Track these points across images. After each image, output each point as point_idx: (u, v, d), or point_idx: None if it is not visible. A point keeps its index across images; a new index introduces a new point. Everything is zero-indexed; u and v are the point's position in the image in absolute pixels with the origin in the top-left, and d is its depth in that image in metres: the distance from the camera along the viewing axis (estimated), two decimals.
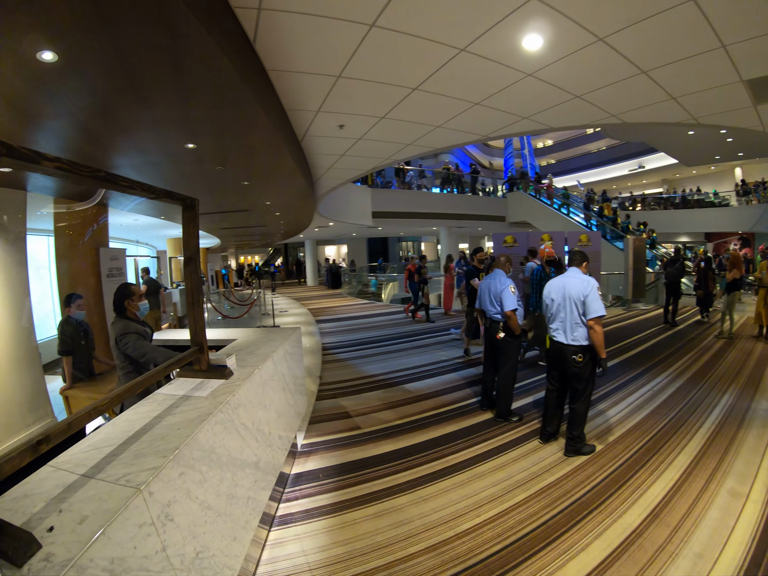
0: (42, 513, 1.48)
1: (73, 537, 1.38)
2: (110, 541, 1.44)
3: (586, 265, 4.71)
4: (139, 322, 4.29)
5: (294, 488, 4.20)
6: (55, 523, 1.43)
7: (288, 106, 5.64)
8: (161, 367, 2.56)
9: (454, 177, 24.80)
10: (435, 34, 4.11)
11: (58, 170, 1.66)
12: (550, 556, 3.19)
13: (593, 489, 4.05)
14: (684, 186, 32.45)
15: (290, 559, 3.23)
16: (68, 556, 1.30)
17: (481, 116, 6.51)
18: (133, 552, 1.54)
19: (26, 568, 1.26)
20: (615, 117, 6.70)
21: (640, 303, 15.28)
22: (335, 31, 3.95)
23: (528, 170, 28.83)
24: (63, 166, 1.66)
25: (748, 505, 3.72)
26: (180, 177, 7.22)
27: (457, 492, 4.05)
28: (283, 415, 3.76)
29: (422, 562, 3.17)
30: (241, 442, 2.64)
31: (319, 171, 9.77)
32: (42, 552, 1.31)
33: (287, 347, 4.15)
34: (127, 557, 1.51)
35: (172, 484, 1.84)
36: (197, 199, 2.81)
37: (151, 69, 3.40)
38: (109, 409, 2.06)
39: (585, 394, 4.58)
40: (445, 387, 7.01)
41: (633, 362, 8.15)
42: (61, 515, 1.47)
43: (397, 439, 5.16)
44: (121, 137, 4.99)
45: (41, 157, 1.55)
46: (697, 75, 5.14)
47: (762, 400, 6.06)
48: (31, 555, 1.29)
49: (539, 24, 3.99)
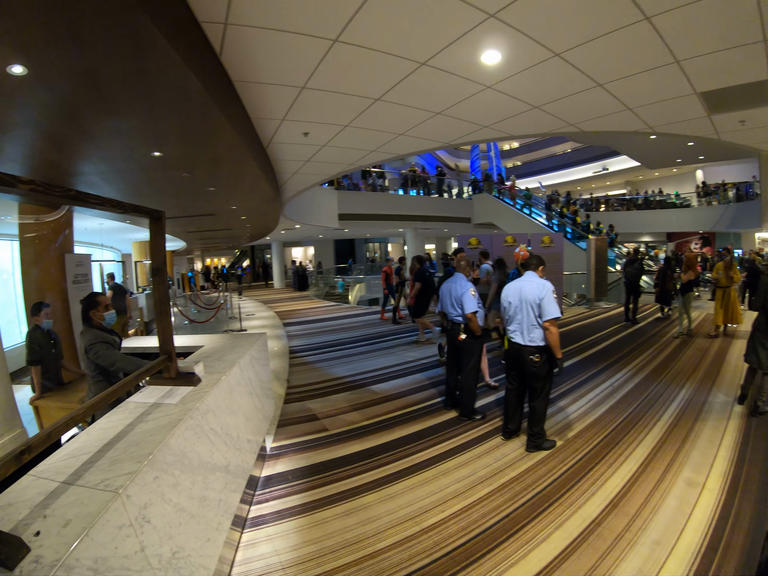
0: (27, 519, 1.54)
1: (58, 539, 1.45)
2: (93, 542, 1.51)
3: (542, 269, 4.89)
4: (107, 331, 4.31)
5: (264, 491, 4.27)
6: (40, 527, 1.50)
7: (253, 115, 5.71)
8: (132, 376, 2.62)
9: (421, 179, 24.93)
10: (396, 49, 4.24)
11: (33, 192, 1.73)
12: (513, 547, 3.33)
13: (554, 482, 4.21)
14: (647, 187, 33.29)
15: (263, 559, 3.30)
16: (56, 557, 1.38)
17: (442, 125, 6.67)
18: (115, 552, 1.62)
19: (18, 570, 1.33)
20: (573, 126, 6.91)
21: (602, 301, 15.63)
22: (300, 45, 4.05)
23: (492, 173, 29.01)
24: (37, 188, 1.73)
25: (704, 493, 3.91)
26: (146, 183, 7.17)
27: (422, 489, 4.17)
28: (251, 419, 3.83)
29: (390, 556, 3.27)
30: (211, 446, 2.71)
31: (285, 176, 9.81)
32: (31, 555, 1.38)
33: (253, 353, 4.20)
34: (110, 557, 1.58)
35: (148, 488, 1.92)
36: (164, 212, 2.87)
37: (118, 81, 3.44)
38: (85, 419, 2.13)
39: (543, 392, 4.77)
40: (411, 387, 7.13)
41: (594, 359, 8.39)
42: (46, 520, 1.54)
43: (363, 440, 5.25)
44: (88, 145, 4.98)
45: (17, 180, 1.61)
46: (652, 88, 5.36)
47: (719, 393, 6.33)
48: (22, 558, 1.36)
49: (497, 40, 4.15)
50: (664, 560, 3.11)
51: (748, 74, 5.03)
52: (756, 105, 5.93)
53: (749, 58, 4.61)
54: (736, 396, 6.06)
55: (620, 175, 35.08)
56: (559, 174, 39.34)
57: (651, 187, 32.76)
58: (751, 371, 5.70)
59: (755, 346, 5.47)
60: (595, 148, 33.09)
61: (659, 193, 30.81)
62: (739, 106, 5.98)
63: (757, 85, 5.30)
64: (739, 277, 9.77)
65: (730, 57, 4.57)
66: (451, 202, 25.95)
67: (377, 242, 43.14)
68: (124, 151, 5.33)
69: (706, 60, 4.64)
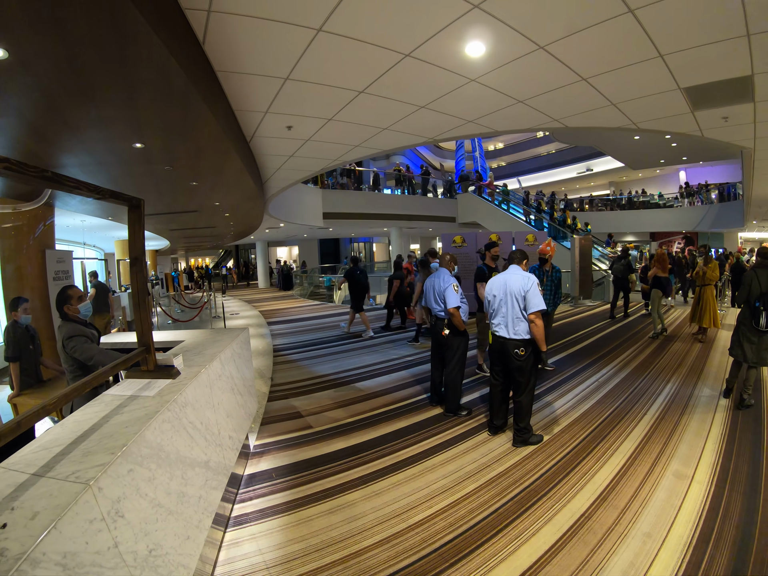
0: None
1: (25, 532, 1.38)
2: (62, 536, 1.44)
3: (525, 262, 4.89)
4: (85, 324, 4.23)
5: (248, 489, 4.19)
6: (8, 520, 1.43)
7: (236, 107, 5.64)
8: (108, 367, 2.54)
9: (405, 178, 24.94)
10: (380, 40, 4.20)
11: (7, 171, 1.66)
12: (502, 542, 3.28)
13: (542, 477, 4.18)
14: (630, 188, 33.74)
15: (247, 559, 3.23)
16: (21, 550, 1.30)
17: (427, 119, 6.64)
18: (85, 547, 1.55)
19: None
20: (558, 121, 6.90)
21: (587, 300, 15.71)
22: (283, 34, 3.99)
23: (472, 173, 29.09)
24: (11, 166, 1.66)
25: (693, 485, 3.91)
26: (128, 177, 7.12)
27: (408, 485, 4.12)
28: (233, 416, 3.75)
29: (377, 554, 3.21)
30: (190, 441, 2.64)
31: (269, 172, 9.75)
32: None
33: (235, 347, 4.13)
34: (80, 552, 1.51)
35: (121, 481, 1.84)
36: (143, 200, 2.79)
37: (100, 68, 3.40)
38: (58, 408, 2.05)
39: (529, 387, 4.73)
40: (396, 384, 7.09)
41: (579, 355, 8.42)
42: (14, 513, 1.47)
43: (348, 437, 5.19)
44: (69, 136, 4.94)
45: None
46: (636, 82, 5.36)
47: (704, 387, 6.37)
48: None
49: (482, 32, 4.12)
50: (656, 553, 3.09)
51: (731, 69, 5.04)
52: (739, 101, 5.94)
53: (733, 52, 4.60)
54: (721, 390, 6.09)
55: (604, 176, 35.54)
56: (543, 174, 39.71)
57: (635, 188, 33.18)
58: (736, 365, 5.73)
59: (740, 339, 5.50)
60: (580, 149, 33.46)
61: (642, 194, 31.20)
62: (723, 102, 5.99)
63: (740, 81, 5.31)
64: (715, 276, 9.54)
65: (713, 51, 4.57)
66: (435, 201, 26.01)
67: (362, 242, 43.10)
68: (106, 142, 5.27)
69: (690, 54, 4.64)
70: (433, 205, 25.51)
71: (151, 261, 27.91)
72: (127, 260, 18.17)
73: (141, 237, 2.85)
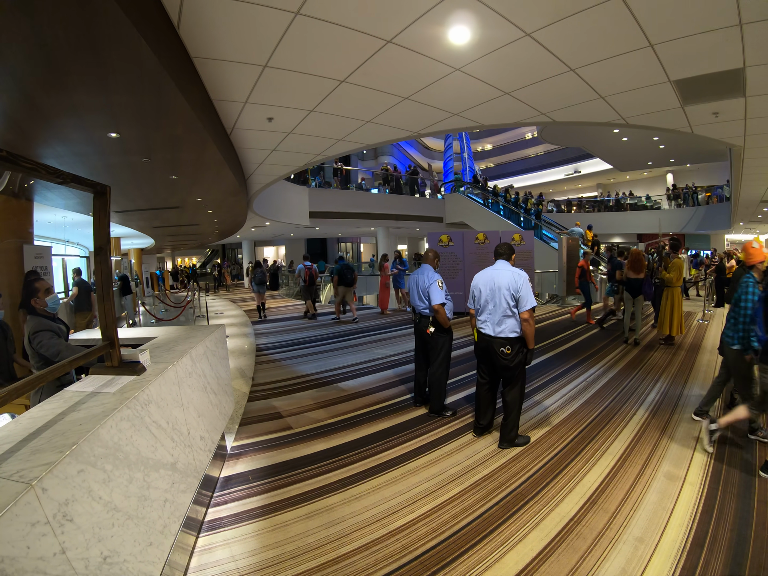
0: None
1: None
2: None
3: (513, 257, 4.74)
4: (52, 319, 4.07)
5: (223, 492, 4.05)
6: None
7: (215, 97, 5.50)
8: (66, 361, 2.38)
9: (393, 177, 24.91)
10: (361, 24, 4.08)
11: None
12: (487, 549, 3.16)
13: (529, 479, 4.07)
14: (618, 190, 34.08)
15: (219, 566, 3.09)
16: None
17: (411, 111, 6.53)
18: (27, 552, 1.45)
19: None
20: (545, 115, 6.82)
21: (574, 300, 15.66)
22: (260, 17, 3.86)
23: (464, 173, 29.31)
24: None
25: (685, 487, 3.82)
26: (106, 169, 6.99)
27: (389, 489, 3.99)
28: (206, 416, 3.60)
29: (355, 561, 3.08)
30: (154, 441, 2.49)
31: (251, 166, 9.64)
32: None
33: (209, 344, 3.98)
34: (20, 557, 1.41)
35: (70, 482, 1.72)
36: (108, 186, 2.63)
37: (69, 50, 3.28)
38: (8, 402, 1.90)
39: (516, 386, 4.60)
40: (379, 384, 6.98)
41: (567, 355, 8.35)
42: None
43: (329, 438, 5.06)
44: (42, 124, 4.82)
45: None
46: (625, 74, 5.28)
47: (693, 386, 6.32)
48: None
49: (466, 16, 4.01)
50: (649, 558, 2.98)
51: (723, 61, 4.97)
52: (730, 95, 5.87)
53: (724, 43, 4.53)
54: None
55: (592, 178, 35.87)
56: (531, 176, 40.06)
57: (622, 190, 33.48)
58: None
59: None
60: (568, 151, 33.74)
61: (630, 195, 31.50)
62: (714, 97, 5.92)
63: (731, 74, 5.24)
64: (673, 277, 8.66)
65: (705, 41, 4.49)
66: (423, 201, 26.13)
67: (350, 242, 43.05)
68: (81, 131, 5.15)
69: (681, 44, 4.56)
70: (421, 204, 25.62)
71: (136, 260, 27.70)
72: (111, 258, 18.02)
73: (106, 225, 2.71)
